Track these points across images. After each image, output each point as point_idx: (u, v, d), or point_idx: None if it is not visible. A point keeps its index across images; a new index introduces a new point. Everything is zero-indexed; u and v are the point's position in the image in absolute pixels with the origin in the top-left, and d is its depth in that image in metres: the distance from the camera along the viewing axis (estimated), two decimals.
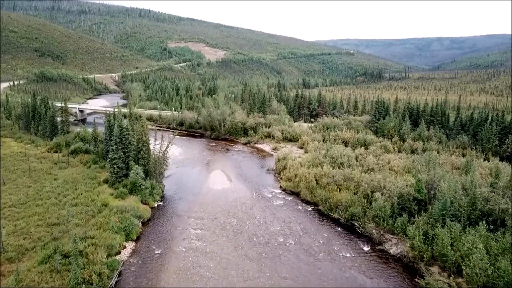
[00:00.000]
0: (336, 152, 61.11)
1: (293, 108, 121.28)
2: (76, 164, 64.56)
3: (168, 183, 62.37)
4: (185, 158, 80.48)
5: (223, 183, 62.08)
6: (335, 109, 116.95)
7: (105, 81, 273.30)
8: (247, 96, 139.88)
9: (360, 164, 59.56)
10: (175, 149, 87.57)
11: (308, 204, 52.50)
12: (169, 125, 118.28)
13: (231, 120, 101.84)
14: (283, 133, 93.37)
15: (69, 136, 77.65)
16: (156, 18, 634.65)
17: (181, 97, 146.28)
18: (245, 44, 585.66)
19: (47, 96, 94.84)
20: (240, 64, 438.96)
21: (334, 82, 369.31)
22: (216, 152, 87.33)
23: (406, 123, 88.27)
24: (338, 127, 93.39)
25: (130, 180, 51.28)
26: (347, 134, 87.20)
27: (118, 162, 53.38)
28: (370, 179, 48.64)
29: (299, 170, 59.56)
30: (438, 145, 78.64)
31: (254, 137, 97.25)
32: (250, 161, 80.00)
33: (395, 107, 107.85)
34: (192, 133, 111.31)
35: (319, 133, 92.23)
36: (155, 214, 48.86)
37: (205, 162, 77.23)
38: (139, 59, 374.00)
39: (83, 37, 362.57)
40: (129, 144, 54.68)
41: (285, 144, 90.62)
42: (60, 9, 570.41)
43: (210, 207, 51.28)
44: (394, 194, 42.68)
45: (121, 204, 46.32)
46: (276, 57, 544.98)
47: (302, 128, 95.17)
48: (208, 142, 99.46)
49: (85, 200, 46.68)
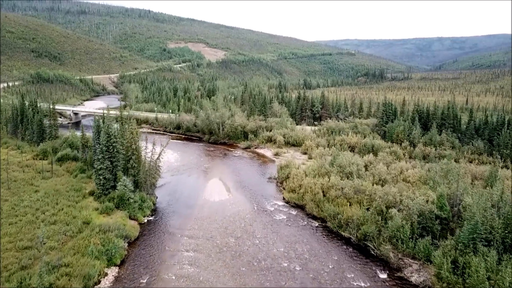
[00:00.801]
0: (344, 160, 55.97)
1: (295, 110, 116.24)
2: (62, 173, 59.51)
3: (161, 194, 57.40)
4: (181, 164, 75.43)
5: (220, 194, 57.01)
6: (339, 112, 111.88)
7: (103, 82, 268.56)
8: (247, 98, 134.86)
9: (371, 173, 54.39)
10: (171, 155, 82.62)
11: (314, 220, 47.38)
12: (165, 129, 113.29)
13: (230, 123, 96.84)
14: (285, 138, 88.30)
15: (56, 142, 72.53)
16: (156, 19, 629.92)
17: (179, 98, 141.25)
18: (245, 44, 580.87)
19: (36, 98, 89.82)
20: (240, 65, 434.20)
21: (335, 82, 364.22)
22: (214, 158, 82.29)
23: (416, 127, 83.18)
24: (343, 131, 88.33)
25: (117, 193, 46.22)
26: (353, 139, 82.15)
27: (105, 172, 48.35)
28: (384, 193, 43.52)
29: (304, 180, 54.47)
30: (452, 151, 73.64)
31: (254, 141, 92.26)
32: (250, 168, 74.94)
33: (402, 109, 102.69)
34: (189, 137, 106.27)
35: (323, 138, 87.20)
36: (144, 232, 43.78)
37: (202, 169, 72.18)
38: (138, 60, 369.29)
39: (82, 38, 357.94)
40: (117, 153, 49.66)
41: (287, 149, 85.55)
42: (60, 9, 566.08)
43: (206, 223, 46.21)
44: (414, 212, 37.53)
45: (105, 222, 41.29)
46: (277, 58, 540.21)
47: (305, 132, 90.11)
48: (206, 146, 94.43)
49: (65, 217, 41.59)
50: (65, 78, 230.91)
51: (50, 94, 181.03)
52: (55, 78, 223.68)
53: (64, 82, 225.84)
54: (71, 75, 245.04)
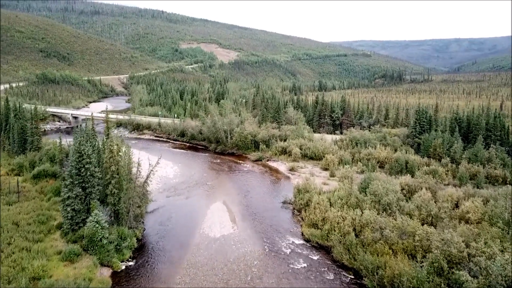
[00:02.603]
0: (379, 187, 44.06)
1: (312, 116, 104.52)
2: (34, 195, 49.30)
3: (150, 223, 46.73)
4: (180, 181, 64.55)
5: (223, 226, 45.88)
6: (362, 118, 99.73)
7: (112, 83, 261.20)
8: (259, 102, 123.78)
9: (415, 205, 42.38)
10: (170, 168, 72.07)
11: (344, 270, 35.78)
12: (169, 136, 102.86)
13: (239, 131, 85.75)
14: (302, 149, 76.75)
15: (36, 154, 62.41)
16: (169, 19, 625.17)
17: (186, 102, 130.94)
18: (258, 45, 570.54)
19: (21, 101, 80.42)
20: (253, 66, 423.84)
21: (351, 84, 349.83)
22: (219, 173, 71.26)
23: (457, 139, 70.66)
24: (369, 143, 76.27)
25: (86, 231, 35.49)
26: (382, 153, 70.13)
27: (74, 202, 37.77)
28: (443, 242, 31.73)
29: (329, 212, 42.91)
30: (503, 170, 61.06)
31: (266, 152, 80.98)
32: (261, 186, 63.64)
33: (435, 116, 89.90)
34: (194, 145, 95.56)
35: (346, 150, 75.35)
36: (117, 287, 32.96)
37: (204, 188, 61.20)
38: (149, 60, 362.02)
39: (92, 38, 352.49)
40: (91, 177, 39.07)
41: (304, 162, 73.98)
42: (74, 10, 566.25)
43: (202, 273, 35.13)
44: (500, 283, 25.67)
45: (63, 276, 30.63)
46: (291, 58, 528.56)
47: (325, 143, 78.32)
48: (211, 157, 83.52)
49: (10, 269, 30.96)
50: (72, 78, 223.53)
51: (54, 96, 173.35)
52: (61, 78, 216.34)
53: (71, 83, 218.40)
54: (79, 75, 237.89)
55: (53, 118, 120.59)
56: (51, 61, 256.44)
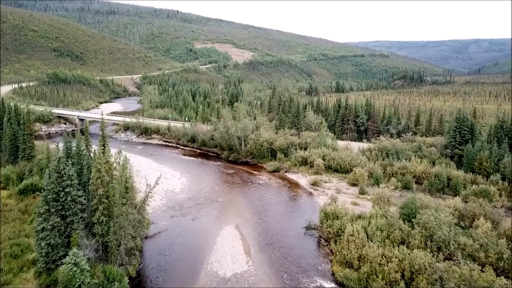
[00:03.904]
0: (431, 219, 35.12)
1: (334, 121, 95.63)
2: (15, 216, 42.22)
3: (149, 251, 39.19)
4: (187, 197, 56.82)
5: (235, 260, 37.81)
6: (390, 124, 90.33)
7: (125, 83, 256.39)
8: (275, 104, 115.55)
9: (478, 244, 33.41)
10: (177, 180, 64.58)
11: None
12: (178, 141, 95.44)
13: (254, 138, 77.64)
14: (326, 160, 68.08)
15: (27, 164, 55.46)
16: (184, 19, 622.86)
17: (197, 104, 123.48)
18: (274, 45, 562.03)
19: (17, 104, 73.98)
20: (268, 66, 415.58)
21: (370, 86, 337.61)
22: (232, 186, 63.28)
23: (506, 152, 61.06)
24: (402, 154, 67.12)
25: (61, 278, 27.85)
26: (418, 166, 60.94)
27: (50, 236, 30.32)
28: None
29: (367, 247, 34.41)
30: None
31: (284, 162, 72.60)
32: (280, 204, 55.39)
33: (474, 123, 79.95)
34: (205, 152, 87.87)
35: (376, 162, 66.42)
36: None
37: (214, 207, 53.29)
38: (163, 60, 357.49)
39: (106, 37, 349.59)
40: (72, 203, 31.56)
41: (328, 176, 65.35)
42: (90, 10, 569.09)
43: None
44: None
45: None
46: (306, 59, 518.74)
47: (351, 153, 69.53)
48: (224, 167, 75.64)
49: None
50: (84, 78, 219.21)
51: (63, 96, 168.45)
52: (73, 78, 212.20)
53: (83, 83, 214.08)
54: (91, 75, 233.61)
55: (58, 120, 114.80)
56: (63, 61, 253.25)
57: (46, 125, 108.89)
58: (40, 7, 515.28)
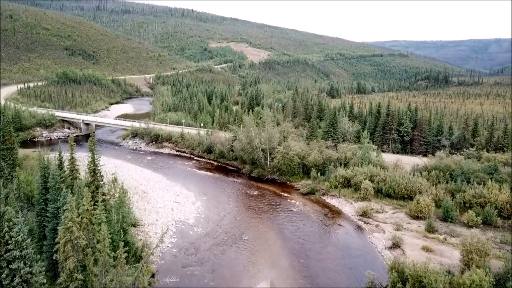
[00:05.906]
0: None
1: (373, 129, 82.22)
2: None
3: None
4: (204, 232, 44.42)
5: None
6: (440, 135, 76.41)
7: (138, 83, 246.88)
8: (301, 108, 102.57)
9: None
10: (191, 205, 52.49)
11: None
12: (193, 151, 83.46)
13: (283, 151, 64.92)
14: (375, 182, 54.87)
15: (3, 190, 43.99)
16: (199, 18, 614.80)
17: (214, 107, 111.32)
18: (290, 44, 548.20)
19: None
20: (284, 66, 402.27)
21: (392, 86, 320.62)
22: (259, 216, 50.69)
23: None
24: (472, 175, 53.42)
25: None
26: (500, 195, 47.21)
27: None
28: None
29: None
30: None
31: (321, 183, 59.72)
32: (323, 244, 42.50)
33: None
34: (224, 165, 75.58)
35: (437, 185, 52.97)
36: None
37: (239, 249, 40.67)
38: (177, 60, 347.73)
39: (120, 36, 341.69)
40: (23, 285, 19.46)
41: (379, 202, 52.15)
42: (105, 9, 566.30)
43: None
44: None
45: None
46: (323, 58, 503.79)
47: (406, 173, 56.12)
48: (246, 186, 63.11)
49: None
50: (95, 78, 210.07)
51: (72, 97, 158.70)
52: (83, 78, 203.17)
53: (94, 83, 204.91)
54: (103, 75, 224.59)
55: (62, 124, 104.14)
56: (75, 59, 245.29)
57: (47, 130, 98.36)
58: (56, 6, 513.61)
